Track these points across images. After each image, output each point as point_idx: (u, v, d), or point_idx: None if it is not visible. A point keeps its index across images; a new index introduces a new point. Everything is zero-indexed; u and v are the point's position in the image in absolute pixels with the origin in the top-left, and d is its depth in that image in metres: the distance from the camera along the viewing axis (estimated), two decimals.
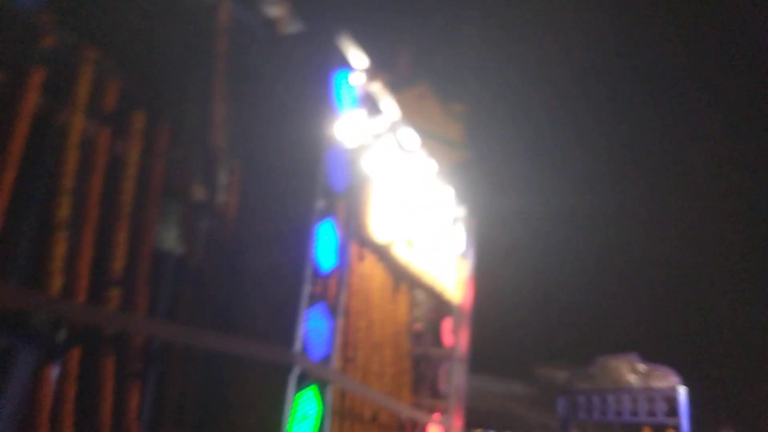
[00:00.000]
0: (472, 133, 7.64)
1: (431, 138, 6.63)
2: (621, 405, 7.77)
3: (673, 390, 7.38)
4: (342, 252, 3.17)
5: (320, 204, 2.93)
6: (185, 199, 2.87)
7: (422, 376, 5.26)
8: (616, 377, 7.86)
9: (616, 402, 7.81)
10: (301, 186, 2.87)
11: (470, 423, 12.67)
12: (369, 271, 4.39)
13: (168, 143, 2.82)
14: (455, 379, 5.33)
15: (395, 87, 5.88)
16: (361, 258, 4.09)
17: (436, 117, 7.12)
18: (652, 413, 7.54)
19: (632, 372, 7.79)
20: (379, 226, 3.98)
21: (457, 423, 5.36)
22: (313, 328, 2.85)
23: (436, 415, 5.14)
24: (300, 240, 2.80)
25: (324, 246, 2.96)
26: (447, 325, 5.42)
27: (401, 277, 4.91)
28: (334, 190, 3.11)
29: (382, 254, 4.28)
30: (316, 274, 2.90)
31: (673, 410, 7.35)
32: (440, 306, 5.40)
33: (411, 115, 5.97)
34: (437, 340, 5.41)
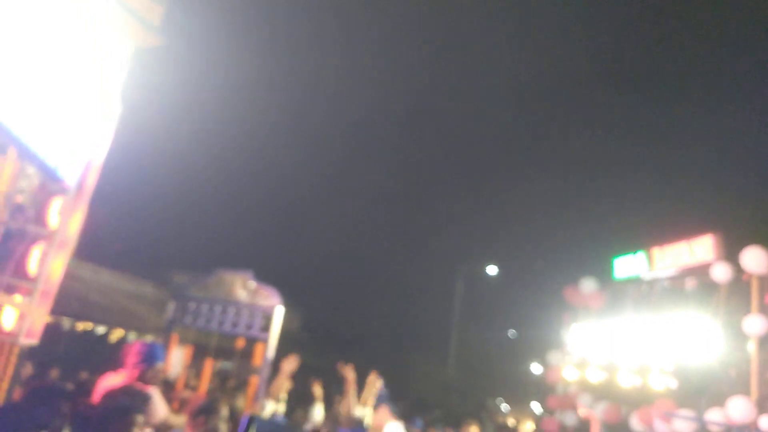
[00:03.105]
0: (172, 18, 7.08)
1: (123, 10, 5.93)
2: (225, 316, 8.30)
3: (272, 309, 8.18)
4: None
5: None
6: None
7: (10, 252, 4.75)
8: (228, 290, 8.29)
9: (221, 313, 8.32)
10: None
11: (81, 316, 12.13)
12: None
13: None
14: (50, 263, 4.95)
15: None
16: None
17: None
18: (249, 327, 8.24)
19: (243, 288, 8.31)
20: None
21: (41, 309, 5.01)
22: None
23: (17, 297, 4.71)
24: None
25: None
26: (55, 205, 4.97)
27: (8, 141, 4.31)
28: None
29: None
30: None
31: (267, 327, 8.16)
32: (50, 182, 4.91)
33: None
34: (40, 219, 4.92)
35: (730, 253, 9.81)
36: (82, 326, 12.41)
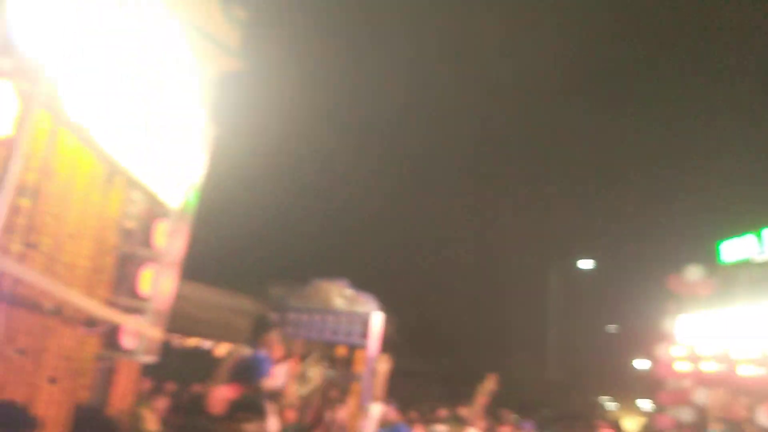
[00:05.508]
0: (249, 43, 7.34)
1: (202, 36, 6.22)
2: (325, 324, 8.47)
3: (369, 315, 8.26)
4: (20, 120, 2.82)
5: None
6: None
7: (126, 275, 5.05)
8: (326, 299, 8.46)
9: (321, 321, 8.49)
10: None
11: (188, 330, 12.69)
12: (71, 154, 4.01)
13: None
14: (160, 283, 5.22)
15: None
16: (54, 135, 3.69)
17: (213, 16, 6.68)
18: (348, 334, 8.37)
19: (340, 296, 8.45)
20: (82, 106, 3.60)
21: (156, 328, 5.29)
22: None
23: (133, 317, 4.99)
24: None
25: None
26: (159, 227, 5.25)
27: (115, 171, 4.60)
28: (21, 48, 2.72)
29: (87, 139, 3.92)
30: None
31: (366, 333, 8.25)
32: (154, 207, 5.19)
33: (184, 4, 5.53)
34: (148, 241, 5.21)
35: None
36: (189, 342, 13.03)
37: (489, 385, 6.47)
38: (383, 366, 5.91)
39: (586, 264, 28.11)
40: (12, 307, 3.54)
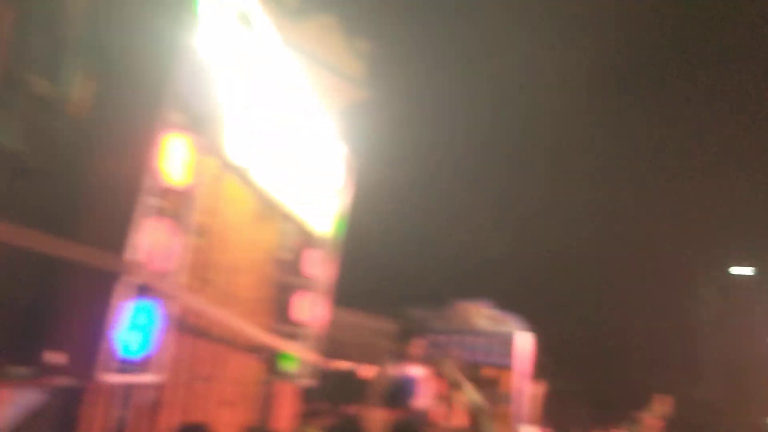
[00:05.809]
0: (373, 73, 7.59)
1: (330, 71, 6.54)
2: (466, 345, 8.41)
3: (513, 335, 8.10)
4: (195, 168, 3.11)
5: (172, 115, 2.84)
6: (26, 91, 2.67)
7: (282, 303, 5.36)
8: (467, 320, 8.43)
9: (463, 342, 8.45)
10: (153, 94, 2.77)
11: (335, 353, 13.11)
12: (233, 195, 4.35)
13: (10, 26, 2.60)
14: (314, 309, 5.48)
15: (299, 13, 5.75)
16: (220, 179, 4.03)
17: (338, 51, 7.02)
18: (491, 355, 8.25)
19: (481, 317, 8.38)
20: (242, 149, 3.91)
21: (313, 352, 5.55)
22: (154, 240, 2.81)
23: (293, 342, 5.28)
24: (144, 150, 2.72)
25: (173, 160, 2.89)
26: (309, 256, 5.52)
27: (268, 205, 4.92)
28: (192, 105, 3.02)
29: (245, 179, 4.23)
30: (163, 187, 2.84)
31: (510, 353, 8.09)
32: (305, 237, 5.48)
33: (312, 44, 5.87)
34: (300, 270, 5.50)
35: None
36: (337, 364, 13.44)
37: (661, 407, 6.08)
38: (539, 390, 5.78)
39: (742, 270, 25.91)
40: (193, 338, 3.87)
